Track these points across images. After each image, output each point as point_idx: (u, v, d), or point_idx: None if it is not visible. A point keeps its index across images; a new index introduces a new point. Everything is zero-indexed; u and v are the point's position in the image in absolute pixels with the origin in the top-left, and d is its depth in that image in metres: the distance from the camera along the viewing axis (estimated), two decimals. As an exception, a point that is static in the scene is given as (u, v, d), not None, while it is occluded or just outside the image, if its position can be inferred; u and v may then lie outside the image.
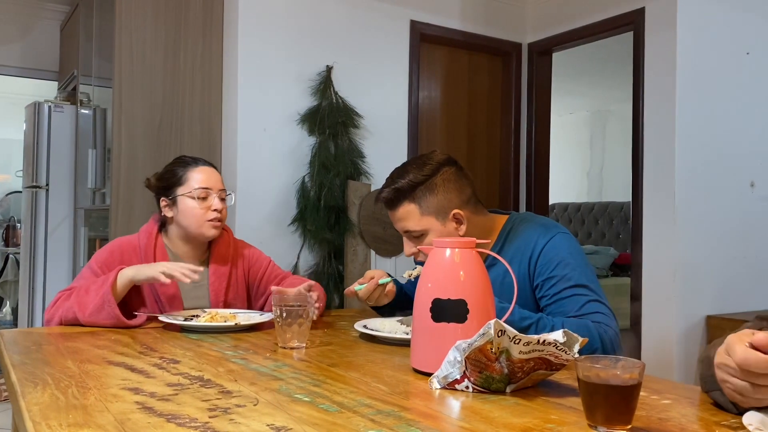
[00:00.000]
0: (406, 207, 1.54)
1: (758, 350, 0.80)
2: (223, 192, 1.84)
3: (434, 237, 1.52)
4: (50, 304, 1.69)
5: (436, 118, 3.92)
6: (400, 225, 1.58)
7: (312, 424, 0.86)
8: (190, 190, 1.79)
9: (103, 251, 1.81)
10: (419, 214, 1.53)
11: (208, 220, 1.79)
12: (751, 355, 0.80)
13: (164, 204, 1.83)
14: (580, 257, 1.51)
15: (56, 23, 4.81)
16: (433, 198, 1.53)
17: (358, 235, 3.31)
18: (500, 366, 1.01)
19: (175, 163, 1.88)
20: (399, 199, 1.55)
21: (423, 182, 1.53)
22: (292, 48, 3.31)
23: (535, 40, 4.12)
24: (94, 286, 1.64)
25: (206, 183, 1.81)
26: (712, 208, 3.31)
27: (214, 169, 1.87)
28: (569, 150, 7.49)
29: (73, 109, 4.00)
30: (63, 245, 3.93)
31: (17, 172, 5.32)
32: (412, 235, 1.56)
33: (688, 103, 3.24)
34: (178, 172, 1.83)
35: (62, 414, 0.90)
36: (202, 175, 1.82)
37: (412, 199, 1.53)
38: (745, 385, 0.82)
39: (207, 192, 1.80)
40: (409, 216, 1.54)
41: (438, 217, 1.53)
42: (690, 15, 3.25)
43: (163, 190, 1.84)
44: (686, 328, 3.21)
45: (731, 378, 0.83)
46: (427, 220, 1.53)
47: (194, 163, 1.85)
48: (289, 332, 1.38)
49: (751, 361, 0.79)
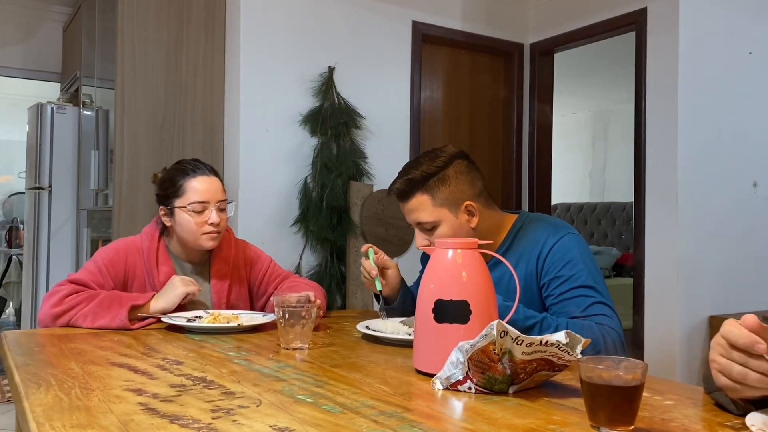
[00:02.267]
0: (419, 198, 1.55)
1: None
2: (222, 202, 1.80)
3: (446, 229, 1.53)
4: (58, 300, 1.63)
5: (437, 119, 3.92)
6: (412, 216, 1.58)
7: (315, 425, 0.87)
8: (186, 204, 1.75)
9: (109, 249, 1.80)
10: (432, 206, 1.54)
11: (204, 233, 1.76)
12: (735, 329, 0.81)
13: (162, 213, 1.81)
14: (588, 258, 1.52)
15: (59, 25, 4.82)
16: (445, 189, 1.54)
17: (360, 235, 3.31)
18: (503, 367, 1.01)
19: (174, 170, 1.83)
20: (412, 190, 1.55)
21: (436, 173, 1.54)
22: (294, 49, 3.32)
23: (537, 40, 4.12)
24: (111, 311, 1.62)
25: (203, 196, 1.76)
26: (714, 208, 3.31)
27: (215, 177, 1.82)
28: (571, 150, 7.48)
29: (76, 111, 4.01)
30: (66, 246, 3.94)
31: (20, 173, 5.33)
32: (425, 227, 1.56)
33: (690, 103, 3.24)
34: (177, 181, 1.78)
35: (66, 415, 0.90)
36: (201, 185, 1.77)
37: (425, 190, 1.54)
38: (726, 363, 0.83)
39: (204, 206, 1.76)
40: (422, 207, 1.55)
41: (450, 208, 1.54)
42: (692, 15, 3.25)
43: (162, 198, 1.81)
44: (689, 329, 3.21)
45: (718, 356, 0.84)
46: (439, 212, 1.54)
47: (193, 172, 1.79)
48: (291, 333, 1.38)
49: (734, 333, 0.81)
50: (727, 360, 0.83)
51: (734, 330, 0.81)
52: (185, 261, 1.85)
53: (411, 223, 1.60)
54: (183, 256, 1.84)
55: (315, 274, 3.27)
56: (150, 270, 1.78)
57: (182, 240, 1.80)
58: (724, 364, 0.83)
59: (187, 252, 1.84)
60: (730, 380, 0.83)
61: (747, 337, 0.80)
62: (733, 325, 0.82)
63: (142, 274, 1.78)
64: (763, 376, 0.80)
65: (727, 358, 0.83)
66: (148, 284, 1.77)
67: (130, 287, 1.77)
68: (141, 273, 1.78)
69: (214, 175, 1.82)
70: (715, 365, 0.85)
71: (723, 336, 0.83)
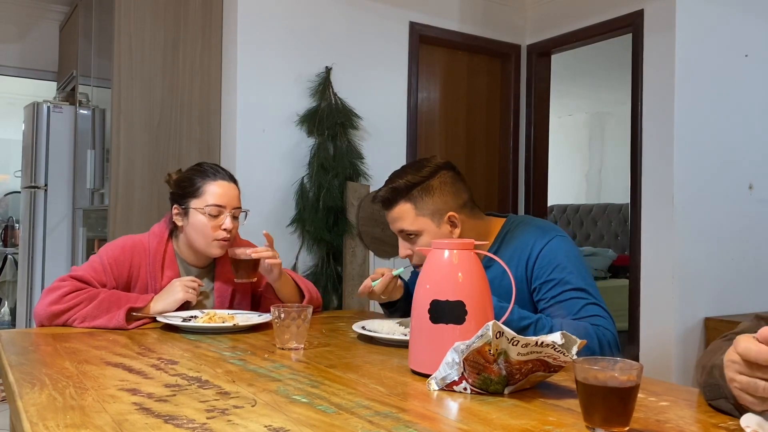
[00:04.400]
0: (402, 207, 1.55)
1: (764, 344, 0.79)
2: (237, 210, 1.80)
3: (428, 238, 1.52)
4: (57, 297, 1.61)
5: (435, 120, 3.92)
6: (395, 225, 1.58)
7: (310, 426, 0.86)
8: (203, 205, 1.74)
9: (115, 247, 1.77)
10: (414, 215, 1.54)
11: (216, 239, 1.75)
12: (754, 345, 0.79)
13: (176, 212, 1.79)
14: (577, 260, 1.51)
15: (55, 23, 4.81)
16: (429, 199, 1.54)
17: (356, 236, 3.31)
18: (498, 368, 1.01)
19: (194, 170, 1.82)
20: (395, 198, 1.55)
21: (420, 183, 1.54)
22: (292, 49, 3.32)
23: (534, 41, 4.12)
24: (109, 312, 1.61)
25: (221, 200, 1.76)
26: (710, 210, 3.32)
27: (233, 184, 1.81)
28: (568, 152, 7.49)
29: (72, 110, 4.00)
30: (61, 245, 3.93)
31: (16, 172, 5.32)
32: (407, 235, 1.57)
33: (686, 105, 3.24)
34: (196, 182, 1.77)
35: (60, 415, 0.90)
36: (220, 190, 1.76)
37: (408, 199, 1.54)
38: (749, 381, 0.81)
39: (220, 210, 1.75)
40: (405, 216, 1.55)
41: (433, 218, 1.54)
42: (689, 17, 3.25)
43: (178, 197, 1.80)
44: (684, 330, 3.21)
45: (737, 375, 0.82)
46: (422, 221, 1.54)
47: (213, 175, 1.78)
48: (287, 333, 1.38)
49: (753, 350, 0.79)
50: (749, 378, 0.80)
51: (752, 347, 0.79)
52: (191, 265, 1.84)
53: (394, 230, 1.60)
54: (189, 259, 1.83)
55: (311, 275, 3.26)
56: (154, 273, 1.76)
57: (191, 242, 1.78)
58: (747, 382, 0.81)
59: (194, 256, 1.82)
60: (755, 398, 0.81)
61: (767, 352, 0.78)
62: (749, 341, 0.79)
63: (146, 276, 1.76)
64: None
65: (749, 376, 0.80)
66: (150, 287, 1.76)
67: (133, 287, 1.76)
68: (144, 274, 1.76)
69: (232, 182, 1.82)
70: (736, 384, 0.83)
71: (740, 353, 0.80)
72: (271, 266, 1.72)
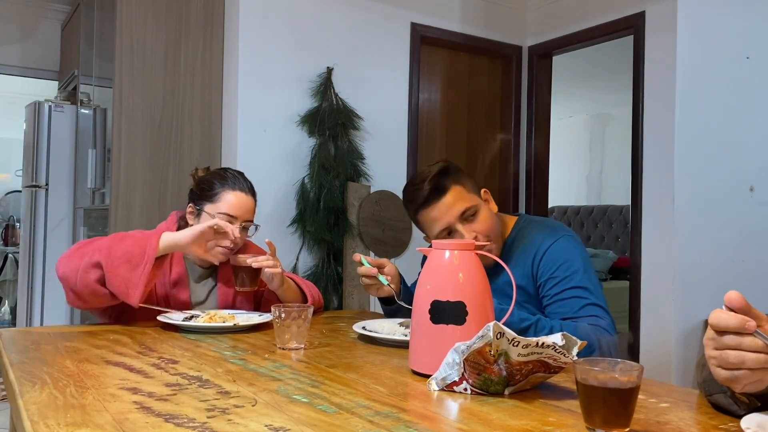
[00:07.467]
0: (455, 189, 1.55)
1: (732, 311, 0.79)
2: (249, 222, 1.80)
3: (485, 213, 1.56)
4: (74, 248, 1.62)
5: (436, 121, 3.92)
6: (454, 209, 1.53)
7: (310, 425, 0.86)
8: (215, 212, 1.75)
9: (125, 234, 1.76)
10: (467, 192, 1.56)
11: (219, 245, 1.72)
12: (722, 314, 0.79)
13: (190, 210, 1.81)
14: (584, 260, 1.53)
15: (57, 23, 4.82)
16: (465, 179, 1.57)
17: (357, 236, 3.31)
18: (499, 368, 1.01)
19: (217, 173, 1.83)
20: (444, 182, 1.54)
21: (448, 167, 1.57)
22: (293, 49, 3.32)
23: (536, 43, 4.12)
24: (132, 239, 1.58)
25: (234, 210, 1.76)
26: (711, 212, 3.31)
27: (250, 197, 1.81)
28: (569, 153, 7.50)
29: (74, 109, 4.00)
30: (62, 245, 3.93)
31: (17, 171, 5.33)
32: (469, 213, 1.55)
33: (687, 107, 3.24)
34: (215, 187, 1.78)
35: (60, 413, 0.90)
36: (235, 200, 1.76)
37: (455, 180, 1.55)
38: (721, 354, 0.80)
39: (231, 220, 1.75)
40: (461, 195, 1.55)
41: (478, 194, 1.58)
42: (690, 19, 3.26)
43: (196, 196, 1.81)
44: (685, 332, 3.21)
45: (713, 351, 0.81)
46: (474, 197, 1.57)
47: (233, 184, 1.78)
48: (287, 333, 1.38)
49: (723, 318, 0.79)
50: (720, 351, 0.80)
51: (721, 315, 0.79)
52: (196, 264, 1.84)
53: (449, 222, 1.54)
54: (194, 259, 1.83)
55: (312, 275, 3.26)
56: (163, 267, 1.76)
57: None
58: (718, 355, 0.80)
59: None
60: (728, 369, 0.80)
61: (734, 318, 0.78)
62: (718, 312, 0.80)
63: None
64: (760, 355, 0.77)
65: (720, 348, 0.80)
66: (159, 282, 1.76)
67: None
68: None
69: (251, 195, 1.82)
70: (713, 360, 0.82)
71: (711, 324, 0.80)
72: (272, 275, 1.72)
